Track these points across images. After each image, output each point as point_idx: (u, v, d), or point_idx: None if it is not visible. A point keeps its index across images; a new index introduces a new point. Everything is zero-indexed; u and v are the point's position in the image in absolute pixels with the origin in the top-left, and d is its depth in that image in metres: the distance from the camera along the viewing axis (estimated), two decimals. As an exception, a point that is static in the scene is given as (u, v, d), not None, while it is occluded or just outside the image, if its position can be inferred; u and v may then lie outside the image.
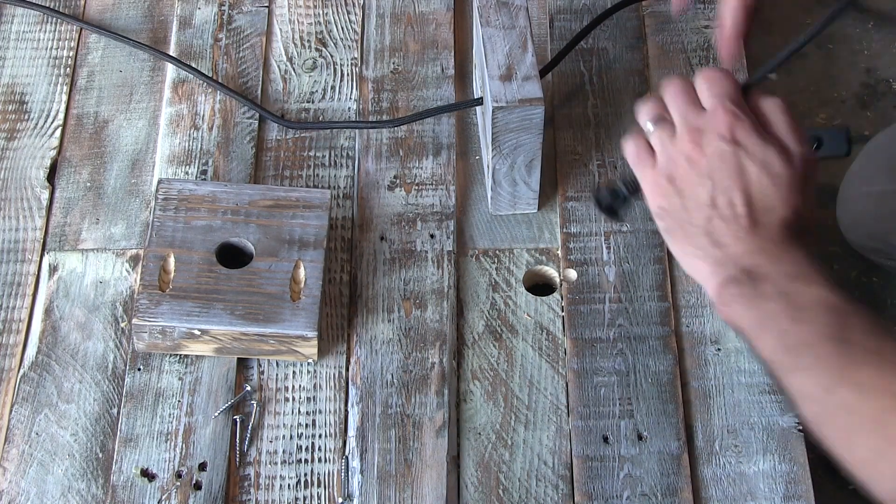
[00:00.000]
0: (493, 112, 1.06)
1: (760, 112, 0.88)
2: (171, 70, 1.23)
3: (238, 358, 1.06)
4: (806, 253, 0.84)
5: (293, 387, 1.06)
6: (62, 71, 1.24)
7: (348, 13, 1.28)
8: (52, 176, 1.17)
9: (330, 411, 1.05)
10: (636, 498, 1.01)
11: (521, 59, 1.08)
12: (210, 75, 1.23)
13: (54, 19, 1.27)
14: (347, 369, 1.07)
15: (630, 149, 0.91)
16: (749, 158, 0.86)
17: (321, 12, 1.28)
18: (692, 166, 0.87)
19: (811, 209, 0.87)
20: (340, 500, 1.01)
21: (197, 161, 1.18)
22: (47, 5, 1.27)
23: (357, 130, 1.20)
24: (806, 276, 0.83)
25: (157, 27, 1.27)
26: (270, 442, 1.03)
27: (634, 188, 0.93)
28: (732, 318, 0.85)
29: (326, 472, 1.02)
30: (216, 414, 1.04)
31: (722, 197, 0.86)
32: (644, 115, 0.91)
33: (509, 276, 1.12)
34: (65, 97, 1.22)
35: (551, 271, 1.13)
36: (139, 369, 1.06)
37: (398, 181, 1.17)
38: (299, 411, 1.05)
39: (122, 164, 1.18)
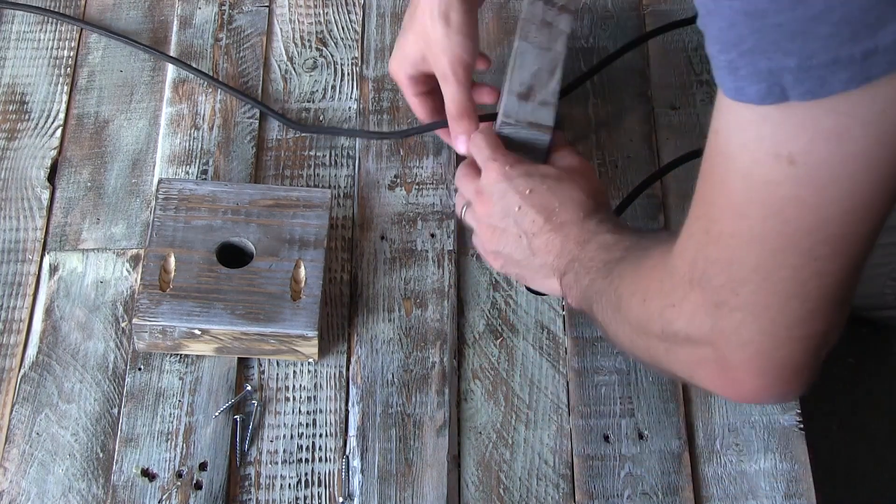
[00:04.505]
0: (500, 125, 1.05)
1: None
2: (171, 70, 1.23)
3: (238, 357, 1.06)
4: (600, 217, 0.98)
5: (294, 386, 1.06)
6: (62, 71, 1.24)
7: (349, 13, 1.28)
8: (52, 176, 1.17)
9: (330, 411, 1.05)
10: (637, 497, 1.01)
11: (546, 84, 1.06)
12: (212, 75, 1.23)
13: (54, 19, 1.26)
14: (348, 369, 1.07)
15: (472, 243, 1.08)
16: (523, 180, 0.99)
17: (321, 12, 1.28)
18: (490, 220, 1.01)
19: (604, 196, 1.02)
20: (341, 499, 1.01)
21: (197, 161, 1.18)
22: (47, 5, 1.28)
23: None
24: (592, 234, 0.96)
25: (158, 27, 1.27)
26: (271, 441, 1.03)
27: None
28: (574, 304, 0.97)
29: (327, 471, 1.02)
30: (217, 413, 1.04)
31: (523, 221, 0.98)
32: (458, 209, 1.06)
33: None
34: (65, 97, 1.22)
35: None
36: (140, 369, 1.06)
37: (399, 180, 1.17)
38: (300, 411, 1.05)
39: (122, 163, 1.18)
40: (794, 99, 0.63)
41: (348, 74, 1.24)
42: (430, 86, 1.12)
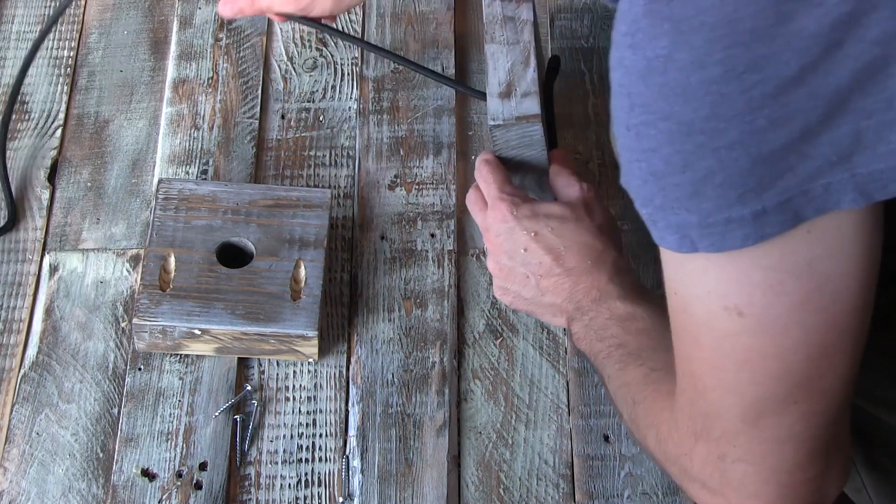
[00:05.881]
0: (490, 130, 1.04)
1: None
2: (171, 70, 1.23)
3: (239, 357, 1.06)
4: (609, 269, 0.97)
5: (294, 386, 1.06)
6: (63, 71, 1.24)
7: (348, 12, 1.28)
8: (52, 176, 1.17)
9: (330, 411, 1.05)
10: (637, 497, 1.01)
11: (523, 76, 1.06)
12: (210, 76, 1.23)
13: (55, 25, 1.26)
14: (348, 369, 1.07)
15: None
16: (528, 222, 0.98)
17: (321, 12, 1.28)
18: (497, 258, 1.01)
19: (609, 230, 1.00)
20: (341, 499, 1.01)
21: (197, 161, 1.18)
22: (47, 5, 1.28)
23: (357, 129, 1.20)
24: (604, 294, 0.96)
25: (158, 27, 1.27)
26: (271, 441, 1.03)
27: None
28: (583, 350, 0.98)
29: (327, 471, 1.02)
30: (217, 413, 1.04)
31: (530, 262, 0.98)
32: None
33: (510, 276, 1.12)
34: (65, 97, 1.22)
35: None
36: (140, 369, 1.06)
37: (399, 180, 1.17)
38: (300, 411, 1.05)
39: (122, 163, 1.18)
40: (702, 250, 0.66)
41: (348, 74, 1.24)
42: None
